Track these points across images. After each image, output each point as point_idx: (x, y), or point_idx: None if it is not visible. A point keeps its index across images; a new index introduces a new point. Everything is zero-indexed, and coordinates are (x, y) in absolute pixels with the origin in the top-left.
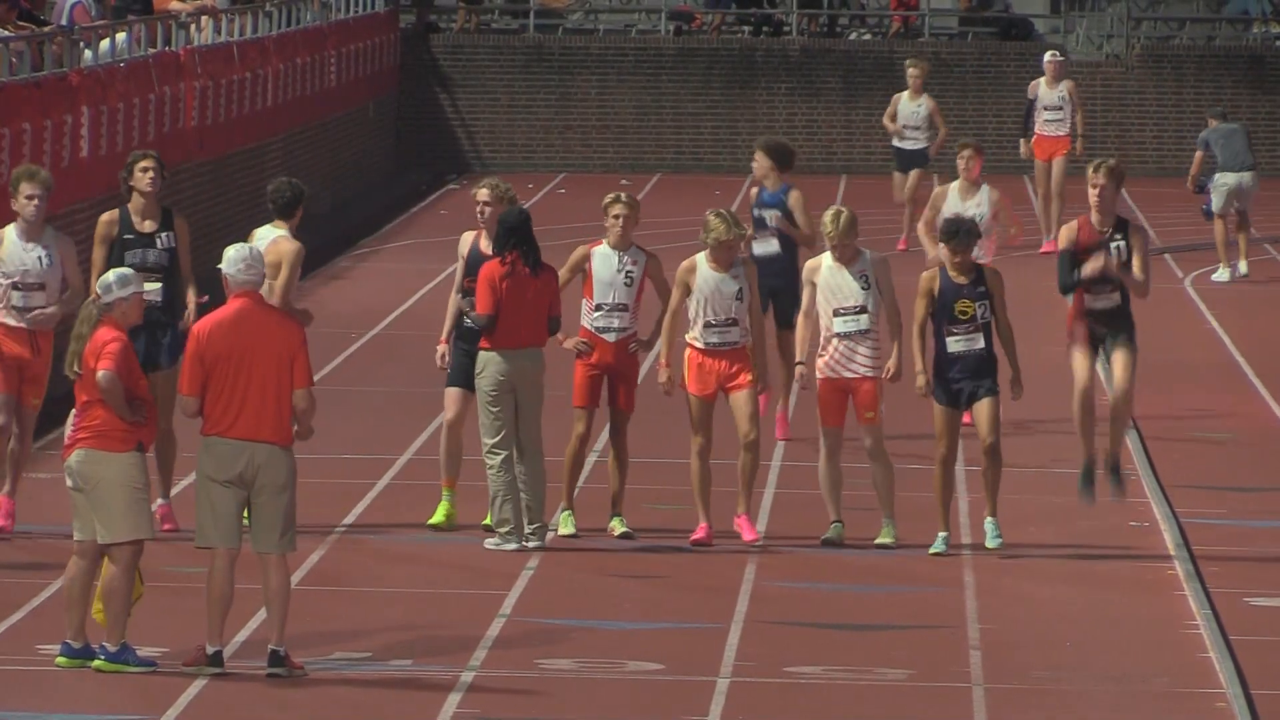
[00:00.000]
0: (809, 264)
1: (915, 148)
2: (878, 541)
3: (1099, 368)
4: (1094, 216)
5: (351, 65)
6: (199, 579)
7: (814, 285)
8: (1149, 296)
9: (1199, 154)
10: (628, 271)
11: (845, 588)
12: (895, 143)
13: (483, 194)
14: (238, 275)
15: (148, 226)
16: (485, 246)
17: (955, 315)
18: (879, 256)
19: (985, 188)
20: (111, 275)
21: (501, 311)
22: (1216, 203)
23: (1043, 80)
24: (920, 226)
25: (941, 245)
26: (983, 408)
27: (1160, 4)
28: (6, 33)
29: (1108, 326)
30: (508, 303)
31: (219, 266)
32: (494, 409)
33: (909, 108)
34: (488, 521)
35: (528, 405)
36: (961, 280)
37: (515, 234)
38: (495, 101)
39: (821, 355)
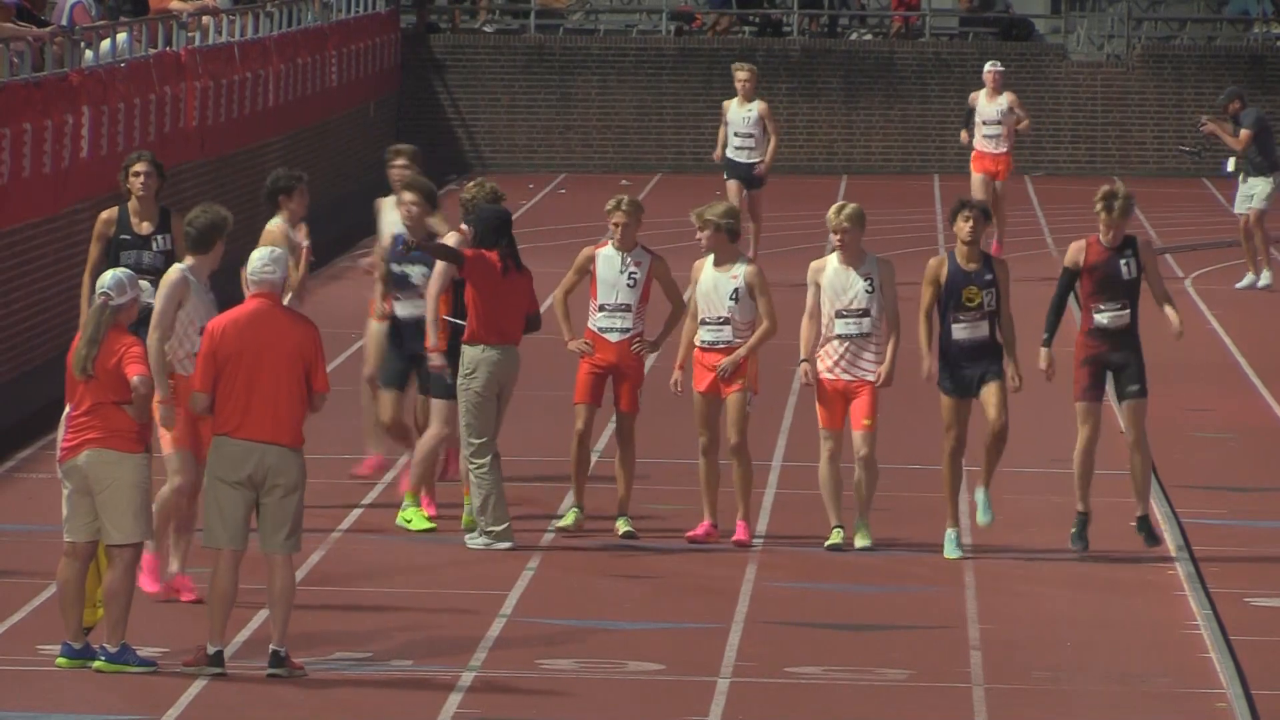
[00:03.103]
0: (814, 264)
1: (747, 160)
2: (858, 546)
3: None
4: (1103, 236)
5: (352, 65)
6: (199, 579)
7: (818, 285)
8: (1174, 304)
9: (1246, 133)
10: (631, 273)
11: (845, 588)
12: (728, 154)
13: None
14: (253, 275)
15: (145, 228)
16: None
17: (962, 302)
18: (884, 259)
19: None
20: (122, 277)
21: (493, 307)
22: (1261, 202)
23: (982, 93)
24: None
25: (957, 218)
26: (991, 390)
27: (1160, 4)
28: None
29: (1114, 357)
30: (500, 298)
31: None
32: (484, 411)
33: (739, 114)
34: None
35: (504, 404)
36: (970, 267)
37: (500, 231)
38: (495, 101)
39: (822, 357)
